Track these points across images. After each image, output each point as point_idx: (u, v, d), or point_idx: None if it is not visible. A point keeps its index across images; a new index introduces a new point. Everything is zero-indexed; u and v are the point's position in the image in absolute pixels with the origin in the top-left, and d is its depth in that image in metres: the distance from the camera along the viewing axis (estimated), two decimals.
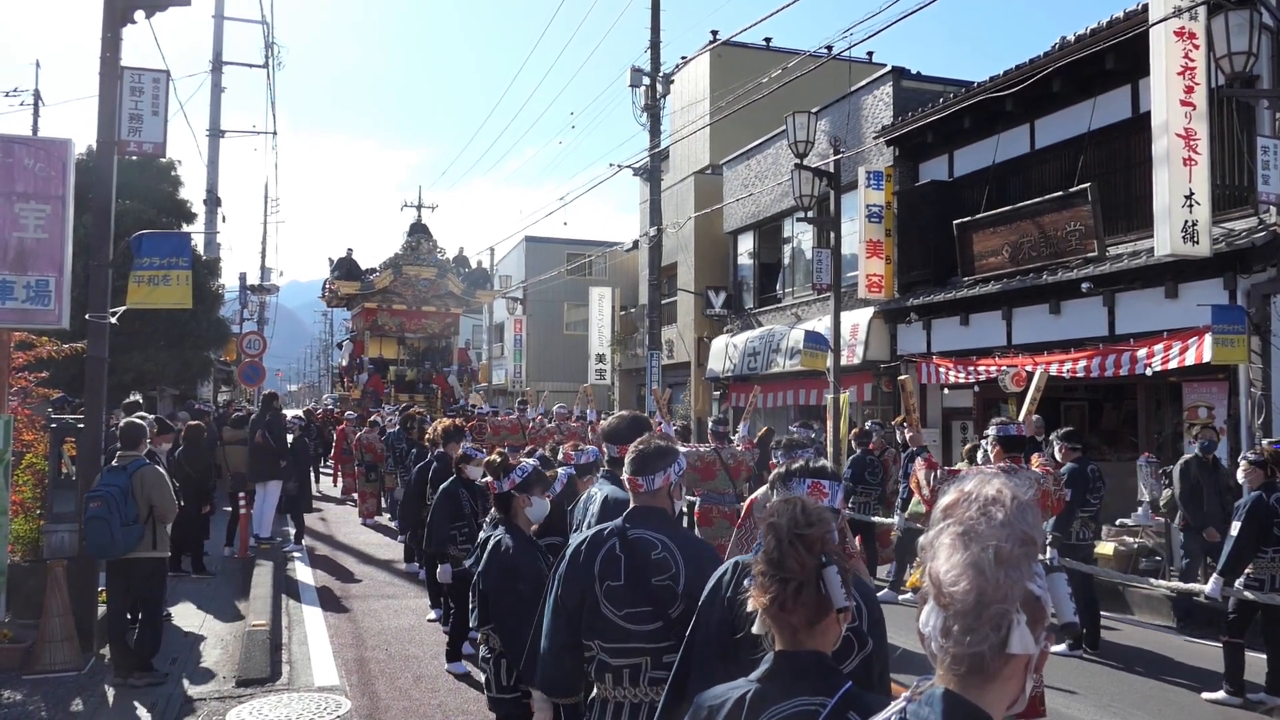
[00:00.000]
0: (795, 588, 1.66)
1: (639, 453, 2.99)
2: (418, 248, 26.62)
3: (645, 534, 2.85)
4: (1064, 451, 8.07)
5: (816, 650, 1.71)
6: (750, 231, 21.20)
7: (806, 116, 14.94)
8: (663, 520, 2.93)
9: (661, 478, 2.94)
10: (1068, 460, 8.01)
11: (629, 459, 3.02)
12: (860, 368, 15.72)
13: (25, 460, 7.58)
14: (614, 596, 2.79)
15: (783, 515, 1.75)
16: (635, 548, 2.83)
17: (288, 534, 12.76)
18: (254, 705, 6.09)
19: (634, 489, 2.97)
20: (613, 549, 2.85)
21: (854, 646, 2.30)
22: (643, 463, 2.96)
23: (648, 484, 2.95)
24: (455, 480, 7.19)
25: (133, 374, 15.33)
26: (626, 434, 3.66)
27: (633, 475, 2.97)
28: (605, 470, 4.19)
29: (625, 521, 2.92)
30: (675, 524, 3.00)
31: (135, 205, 15.11)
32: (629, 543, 2.84)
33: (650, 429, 3.89)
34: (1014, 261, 12.68)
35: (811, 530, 1.71)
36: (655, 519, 2.92)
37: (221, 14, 23.90)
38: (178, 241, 8.03)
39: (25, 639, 6.69)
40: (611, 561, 2.83)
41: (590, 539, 2.93)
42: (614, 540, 2.86)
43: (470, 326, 38.39)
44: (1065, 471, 7.75)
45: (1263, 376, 9.73)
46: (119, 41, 7.57)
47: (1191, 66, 9.56)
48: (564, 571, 2.93)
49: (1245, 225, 9.96)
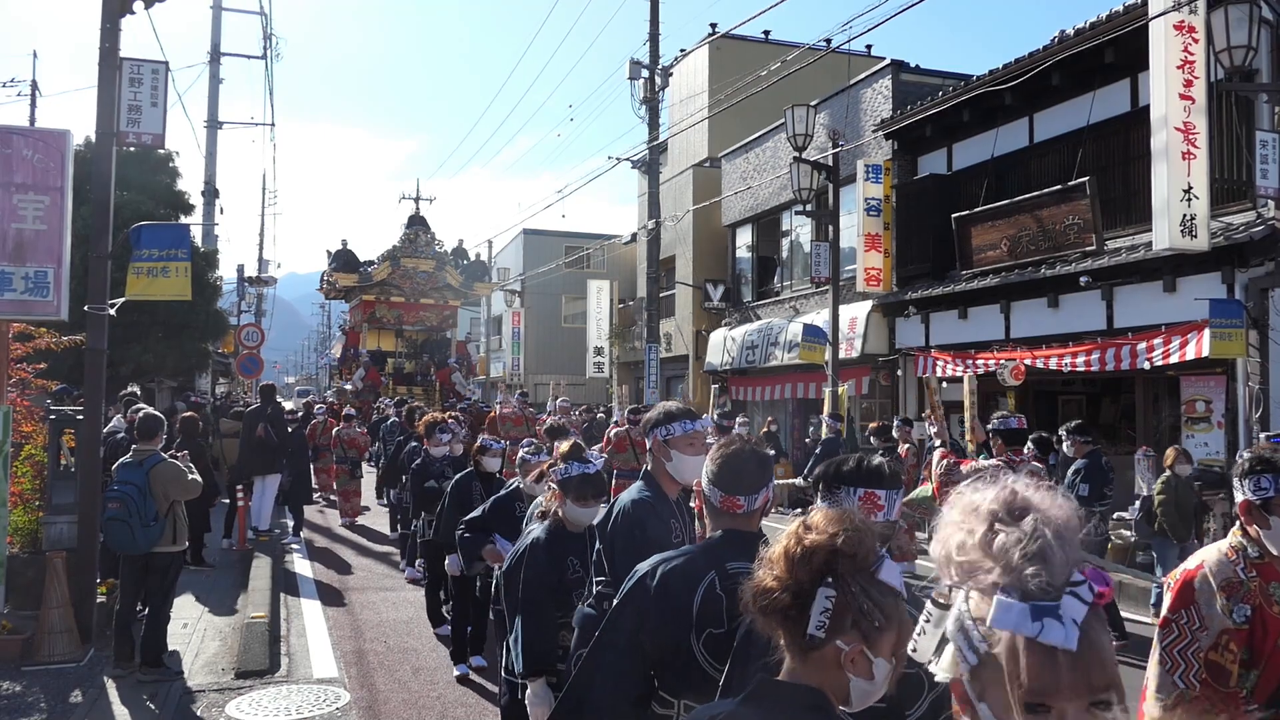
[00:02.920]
0: (775, 600, 1.43)
1: (738, 463, 2.40)
2: (416, 240, 26.60)
3: (748, 568, 2.29)
4: (1075, 445, 7.99)
5: (811, 688, 1.42)
6: (749, 224, 21.19)
7: (805, 110, 14.94)
8: (759, 544, 2.34)
9: (763, 495, 2.42)
10: (1080, 454, 7.95)
11: (719, 469, 2.41)
12: (858, 361, 15.73)
13: (24, 452, 7.58)
14: (716, 648, 2.19)
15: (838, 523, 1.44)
16: (737, 584, 2.28)
17: (286, 526, 12.77)
18: (253, 697, 6.10)
19: (729, 509, 2.39)
20: (713, 588, 2.23)
21: (924, 687, 1.88)
22: (742, 476, 2.39)
23: (748, 503, 2.39)
24: (470, 473, 6.94)
25: (131, 366, 15.30)
26: (752, 472, 2.46)
27: (730, 494, 2.38)
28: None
29: (719, 550, 2.33)
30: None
31: (133, 197, 15.06)
32: (730, 578, 2.17)
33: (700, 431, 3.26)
34: (1012, 255, 12.68)
35: (814, 538, 1.43)
36: (753, 546, 2.26)
37: (220, 5, 23.80)
38: (177, 233, 8.02)
39: (24, 630, 6.69)
40: (712, 603, 2.22)
41: (678, 570, 2.29)
42: (712, 576, 2.24)
43: (468, 319, 38.39)
44: (1080, 465, 7.73)
45: (1260, 370, 9.75)
46: (118, 32, 7.55)
47: (1191, 60, 9.56)
48: (646, 607, 2.28)
49: (1243, 219, 9.97)
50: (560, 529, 3.81)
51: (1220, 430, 10.28)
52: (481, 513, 5.25)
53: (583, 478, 3.75)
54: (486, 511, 5.21)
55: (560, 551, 3.75)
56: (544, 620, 3.67)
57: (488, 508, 5.23)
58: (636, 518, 3.07)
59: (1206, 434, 10.46)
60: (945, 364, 13.63)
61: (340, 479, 14.31)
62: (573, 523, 3.78)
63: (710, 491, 2.41)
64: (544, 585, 3.71)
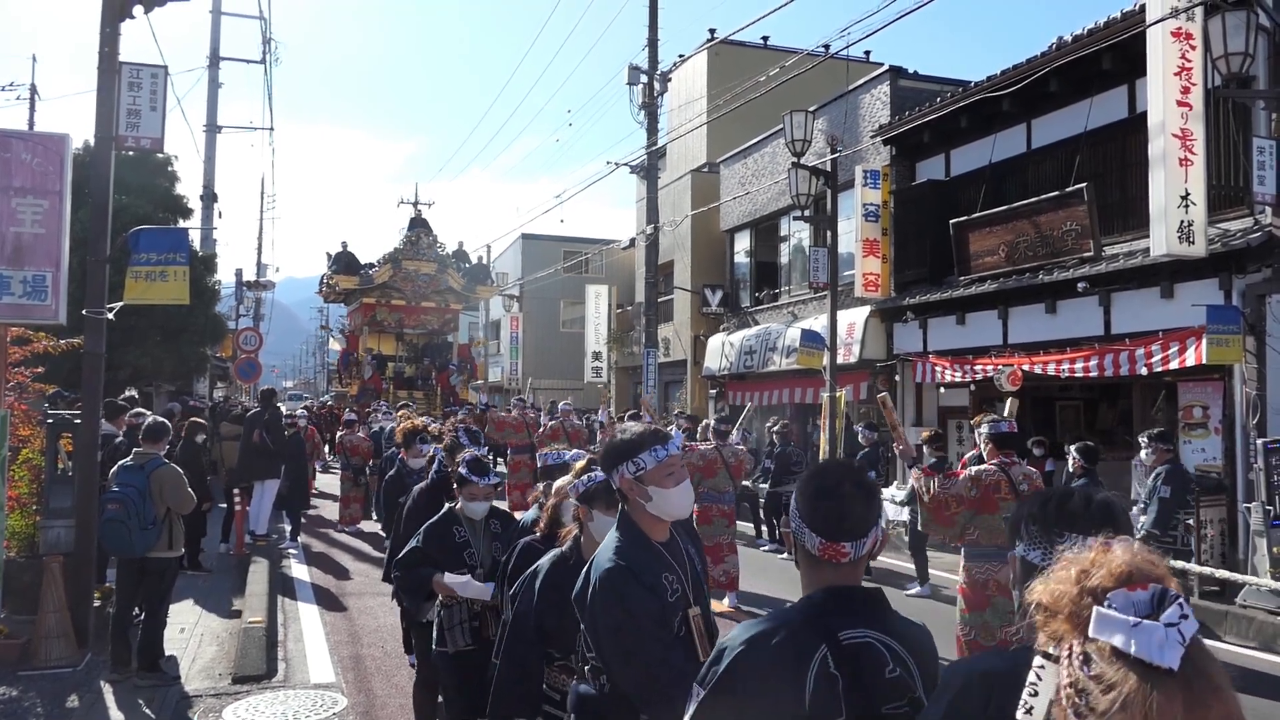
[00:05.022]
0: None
1: (839, 497, 1.87)
2: (417, 242, 26.52)
3: (867, 638, 1.81)
4: (1158, 453, 8.19)
5: None
6: (747, 230, 21.21)
7: (804, 115, 14.96)
8: (874, 605, 1.90)
9: (873, 536, 1.90)
10: (1161, 461, 8.15)
11: (815, 507, 1.88)
12: (857, 366, 15.73)
13: (22, 455, 7.58)
14: None
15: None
16: (859, 662, 1.78)
17: (283, 531, 12.76)
18: (250, 702, 6.09)
19: (832, 558, 1.86)
20: (825, 667, 1.76)
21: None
22: (846, 514, 1.86)
23: (855, 549, 1.86)
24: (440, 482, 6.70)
25: (129, 370, 15.29)
26: (859, 508, 1.92)
27: (832, 540, 1.85)
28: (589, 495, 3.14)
29: (826, 614, 1.84)
30: (886, 607, 1.92)
31: (132, 200, 15.06)
32: (846, 653, 1.77)
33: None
34: (1010, 261, 12.70)
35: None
36: (866, 606, 1.88)
37: (219, 9, 23.84)
38: (175, 237, 8.02)
39: (21, 635, 6.69)
40: (827, 688, 1.76)
41: (777, 648, 1.78)
42: (824, 651, 1.77)
43: (466, 324, 38.41)
44: (1162, 470, 7.96)
45: (1257, 376, 9.76)
46: (117, 36, 7.56)
47: (1188, 67, 9.58)
48: (743, 703, 1.78)
49: (1240, 225, 9.98)
50: (578, 557, 3.11)
51: (1217, 436, 10.29)
52: (416, 543, 4.49)
53: (607, 485, 3.05)
54: (422, 541, 4.47)
55: (571, 585, 3.05)
56: (521, 668, 3.13)
57: (421, 537, 4.49)
58: (615, 591, 2.51)
59: (1204, 440, 10.48)
60: (943, 369, 13.64)
61: (344, 485, 14.24)
62: (603, 536, 3.09)
63: (805, 536, 1.89)
64: (534, 626, 3.12)
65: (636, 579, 2.51)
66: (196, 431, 10.15)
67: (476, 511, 4.45)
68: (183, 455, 9.95)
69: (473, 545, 4.42)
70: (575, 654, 2.95)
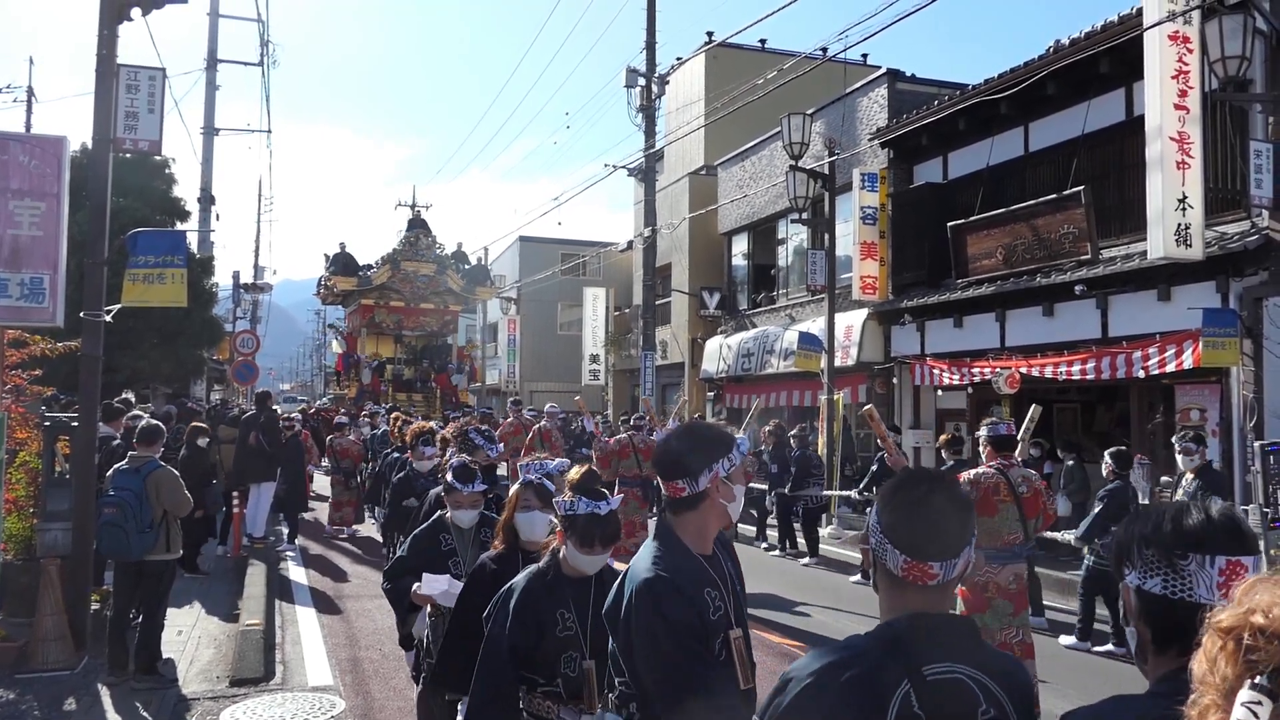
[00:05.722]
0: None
1: (931, 512, 1.66)
2: (416, 243, 26.45)
3: (956, 673, 1.60)
4: (1193, 454, 8.14)
5: None
6: (745, 232, 21.23)
7: (801, 118, 14.99)
8: (965, 635, 1.70)
9: (964, 557, 1.68)
10: (1202, 460, 8.04)
11: (898, 520, 1.68)
12: (854, 369, 15.75)
13: (19, 458, 7.57)
14: None
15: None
16: (946, 702, 1.58)
17: (280, 533, 12.74)
18: (248, 705, 6.08)
19: (918, 579, 1.65)
20: (908, 705, 1.55)
21: None
22: (938, 531, 1.65)
23: (944, 571, 1.65)
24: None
25: (126, 372, 15.27)
26: (953, 525, 1.71)
27: (919, 559, 1.64)
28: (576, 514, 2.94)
29: (909, 644, 1.61)
30: (978, 637, 1.73)
31: (129, 203, 15.05)
32: (932, 690, 1.57)
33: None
34: (1008, 264, 12.71)
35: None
36: (955, 635, 1.67)
37: (217, 12, 23.82)
38: (173, 239, 8.02)
39: (18, 637, 6.67)
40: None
41: (853, 683, 1.58)
42: (906, 688, 1.56)
43: (464, 326, 38.37)
44: (1199, 466, 7.89)
45: (1254, 379, 9.78)
46: (115, 39, 7.55)
47: (1186, 70, 9.60)
48: None
49: (1238, 229, 10.00)
50: (557, 573, 3.03)
51: (1215, 439, 10.30)
52: (402, 552, 4.45)
53: (591, 518, 2.94)
54: (407, 550, 4.40)
55: (550, 604, 2.98)
56: (495, 690, 2.97)
57: (407, 545, 4.43)
58: (654, 599, 2.29)
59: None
60: (941, 372, 13.65)
61: (335, 489, 14.14)
62: (573, 568, 3.02)
63: (887, 553, 1.67)
64: (507, 648, 2.94)
65: (678, 590, 2.29)
66: (199, 435, 10.14)
67: (464, 520, 4.33)
68: (186, 459, 9.97)
69: (459, 554, 4.28)
70: (560, 678, 2.89)
